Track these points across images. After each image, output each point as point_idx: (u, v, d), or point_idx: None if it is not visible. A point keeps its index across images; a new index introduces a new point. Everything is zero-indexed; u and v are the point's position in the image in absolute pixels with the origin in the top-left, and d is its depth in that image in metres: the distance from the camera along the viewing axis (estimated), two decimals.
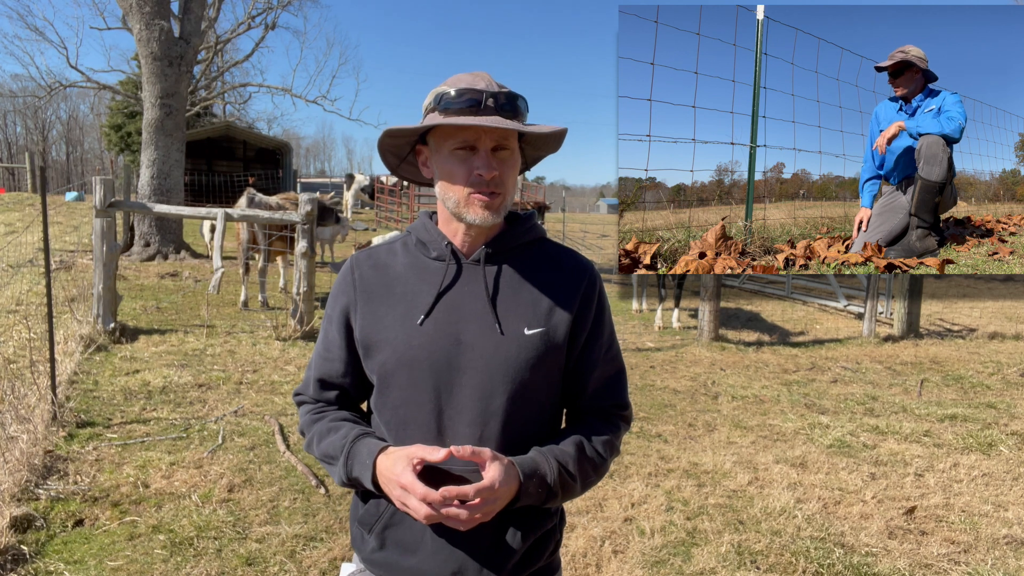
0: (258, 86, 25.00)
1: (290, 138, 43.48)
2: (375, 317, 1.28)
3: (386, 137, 1.29)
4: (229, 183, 26.56)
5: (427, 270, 1.29)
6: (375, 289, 1.30)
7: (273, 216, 7.33)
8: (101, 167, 35.54)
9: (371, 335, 1.28)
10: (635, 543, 3.19)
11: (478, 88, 1.19)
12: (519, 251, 1.31)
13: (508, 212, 1.35)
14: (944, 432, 4.91)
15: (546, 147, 1.35)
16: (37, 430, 3.89)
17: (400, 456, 1.16)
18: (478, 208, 1.22)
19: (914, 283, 8.45)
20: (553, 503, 1.24)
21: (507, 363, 1.22)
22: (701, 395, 5.81)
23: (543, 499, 1.20)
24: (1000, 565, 3.11)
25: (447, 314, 1.25)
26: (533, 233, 1.34)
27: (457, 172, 1.22)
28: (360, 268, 1.33)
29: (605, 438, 1.30)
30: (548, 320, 1.26)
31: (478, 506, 1.11)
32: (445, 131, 1.22)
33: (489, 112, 1.19)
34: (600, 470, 1.29)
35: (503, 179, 1.22)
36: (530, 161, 1.39)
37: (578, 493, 1.28)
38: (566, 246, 1.38)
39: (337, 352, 1.33)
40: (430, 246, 1.30)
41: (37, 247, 10.73)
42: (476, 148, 1.20)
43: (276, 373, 5.77)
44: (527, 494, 1.17)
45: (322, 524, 3.27)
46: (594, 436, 1.29)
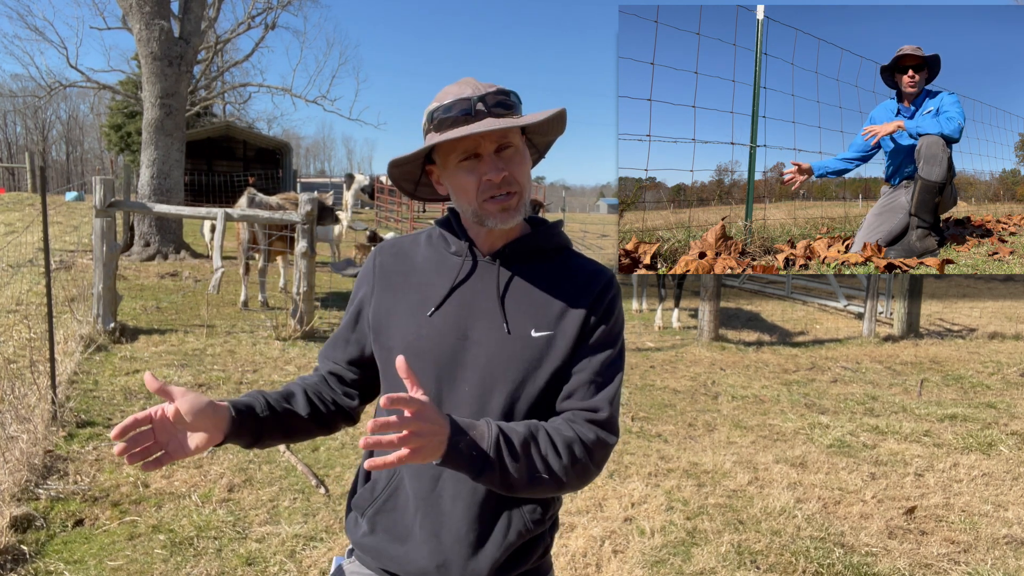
0: (258, 86, 25.04)
1: (290, 138, 43.50)
2: (389, 304, 1.31)
3: (393, 168, 1.30)
4: (229, 183, 26.56)
5: (444, 264, 1.31)
6: (393, 277, 1.34)
7: (273, 216, 7.33)
8: (101, 167, 35.55)
9: (382, 320, 1.31)
10: (635, 543, 3.19)
11: (465, 96, 1.19)
12: (539, 255, 1.31)
13: (534, 218, 1.35)
14: (944, 432, 4.91)
15: (551, 131, 1.34)
16: (37, 430, 3.89)
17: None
18: (497, 212, 1.22)
19: (914, 283, 8.45)
20: (487, 480, 1.11)
21: (509, 362, 1.22)
22: (701, 395, 5.81)
23: (474, 467, 1.08)
24: (1000, 565, 3.11)
25: (458, 309, 1.26)
26: (556, 240, 1.34)
27: (467, 183, 1.22)
28: (382, 255, 1.38)
29: (567, 437, 1.17)
30: (558, 324, 1.25)
31: (409, 420, 0.99)
32: (447, 146, 1.22)
33: (481, 116, 1.18)
34: (553, 472, 1.15)
35: (514, 176, 1.22)
36: (542, 148, 1.39)
37: (519, 483, 1.13)
38: (588, 256, 1.37)
39: (343, 333, 1.39)
40: (451, 241, 1.32)
41: (37, 247, 10.73)
42: (480, 155, 1.20)
43: (276, 373, 5.77)
44: (456, 450, 1.06)
45: (322, 524, 3.27)
46: (552, 431, 1.18)
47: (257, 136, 31.13)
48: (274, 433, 1.26)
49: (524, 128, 1.28)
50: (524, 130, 1.29)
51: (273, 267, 10.29)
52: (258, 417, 1.22)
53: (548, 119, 1.23)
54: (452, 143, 1.21)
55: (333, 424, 1.37)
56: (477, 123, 1.17)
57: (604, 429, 1.22)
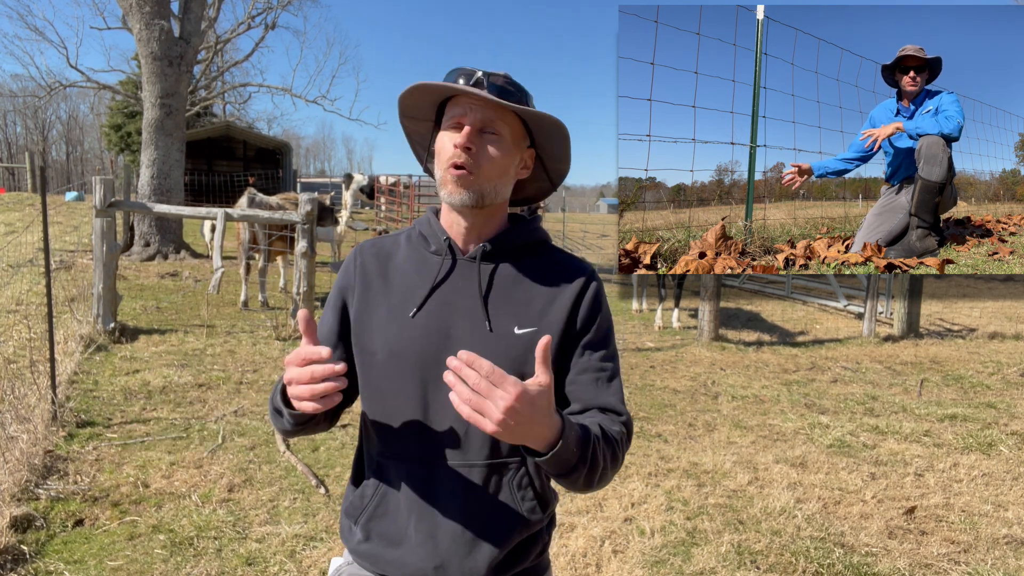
0: (258, 86, 25.05)
1: (290, 138, 43.53)
2: (370, 305, 1.29)
3: (405, 119, 1.31)
4: (229, 183, 26.55)
5: (425, 264, 1.30)
6: (373, 278, 1.31)
7: (273, 216, 7.33)
8: (101, 167, 35.54)
9: (364, 322, 1.29)
10: (635, 543, 3.19)
11: (472, 68, 1.21)
12: (519, 251, 1.31)
13: (514, 215, 1.35)
14: (944, 432, 4.91)
15: (555, 147, 1.30)
16: (37, 430, 3.89)
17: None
18: (451, 184, 1.21)
19: (914, 283, 8.45)
20: (575, 477, 1.10)
21: (494, 361, 1.21)
22: (701, 395, 5.81)
23: (573, 463, 1.07)
24: (1000, 565, 3.11)
25: (439, 309, 1.25)
26: (535, 235, 1.33)
27: (444, 147, 1.22)
28: (363, 255, 1.35)
29: (617, 430, 1.20)
30: (540, 320, 1.24)
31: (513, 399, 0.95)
32: (447, 111, 1.24)
33: (480, 87, 1.19)
34: (614, 463, 1.17)
35: (480, 158, 1.20)
36: (553, 177, 1.37)
37: (595, 479, 1.13)
38: (568, 251, 1.37)
39: (324, 333, 1.33)
40: (430, 240, 1.31)
41: (37, 247, 10.73)
42: (462, 124, 1.21)
43: (276, 373, 5.77)
44: (566, 445, 1.03)
45: (322, 524, 3.27)
46: (606, 425, 1.19)
47: (257, 136, 31.14)
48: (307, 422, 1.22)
49: (533, 141, 1.28)
50: (535, 146, 1.29)
51: (273, 267, 10.29)
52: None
53: (539, 118, 1.23)
54: (449, 107, 1.23)
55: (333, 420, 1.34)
56: (469, 88, 1.19)
57: (630, 427, 1.26)
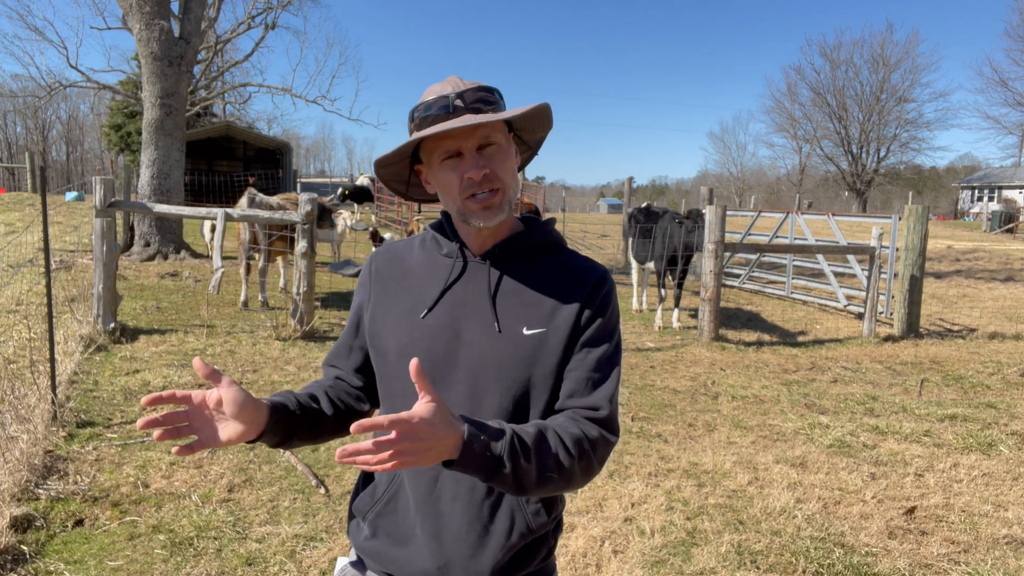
0: (258, 86, 25.04)
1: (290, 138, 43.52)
2: (384, 308, 1.33)
3: (380, 169, 1.31)
4: (229, 183, 26.57)
5: (437, 266, 1.32)
6: (388, 281, 1.36)
7: (273, 216, 7.33)
8: (101, 167, 35.53)
9: (378, 325, 1.33)
10: (635, 543, 3.19)
11: (445, 94, 1.20)
12: (530, 253, 1.31)
13: (527, 217, 1.36)
14: (944, 432, 4.91)
15: (538, 127, 1.33)
16: (37, 430, 3.89)
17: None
18: (479, 211, 1.21)
19: (914, 283, 8.45)
20: (499, 482, 1.09)
21: (501, 362, 1.22)
22: (701, 395, 5.81)
23: (488, 469, 1.06)
24: (1000, 565, 3.11)
25: (450, 310, 1.27)
26: (547, 237, 1.34)
27: (450, 181, 1.22)
28: (377, 260, 1.40)
29: (573, 434, 1.16)
30: (550, 321, 1.24)
31: (393, 441, 0.95)
32: (431, 145, 1.22)
33: (460, 113, 1.19)
34: (564, 470, 1.13)
35: (496, 173, 1.21)
36: (533, 145, 1.39)
37: (530, 484, 1.11)
38: (582, 254, 1.36)
39: (346, 340, 1.41)
40: (442, 243, 1.33)
41: (37, 247, 10.73)
42: (462, 153, 1.20)
43: (276, 373, 5.76)
44: (470, 452, 1.03)
45: (322, 524, 3.27)
46: (559, 429, 1.16)
47: (257, 136, 31.12)
48: (303, 433, 1.26)
49: (511, 126, 1.28)
50: (512, 128, 1.29)
51: (273, 267, 10.29)
52: (293, 416, 1.23)
53: (527, 113, 1.23)
54: (434, 141, 1.21)
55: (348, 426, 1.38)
56: (455, 119, 1.17)
57: (605, 427, 1.21)
